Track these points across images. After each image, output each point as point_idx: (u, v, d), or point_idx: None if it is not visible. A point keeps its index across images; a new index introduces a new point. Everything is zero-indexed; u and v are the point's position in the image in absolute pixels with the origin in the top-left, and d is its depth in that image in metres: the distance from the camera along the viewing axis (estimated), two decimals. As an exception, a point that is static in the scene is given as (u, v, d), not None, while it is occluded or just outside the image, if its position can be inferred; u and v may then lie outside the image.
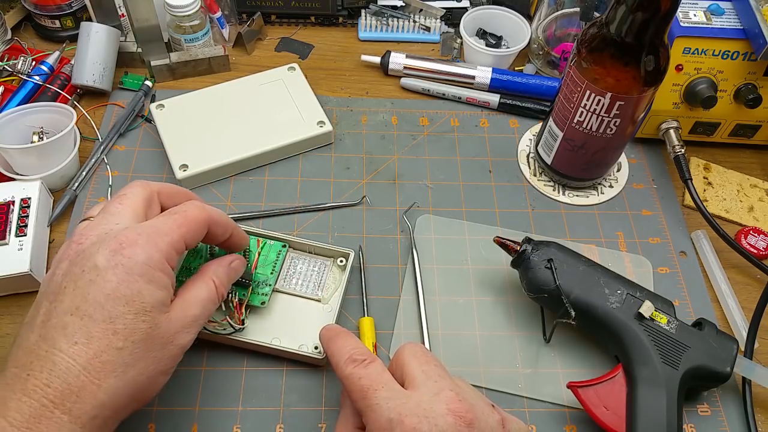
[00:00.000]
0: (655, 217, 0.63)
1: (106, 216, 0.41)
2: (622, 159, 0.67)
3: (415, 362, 0.40)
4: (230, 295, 0.51)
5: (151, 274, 0.38)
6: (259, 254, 0.54)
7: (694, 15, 0.61)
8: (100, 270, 0.37)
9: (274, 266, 0.54)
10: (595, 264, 0.52)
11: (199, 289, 0.43)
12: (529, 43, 0.73)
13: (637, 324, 0.48)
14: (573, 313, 0.48)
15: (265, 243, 0.55)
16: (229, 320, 0.50)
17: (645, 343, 0.48)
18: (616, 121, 0.55)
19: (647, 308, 0.48)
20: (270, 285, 0.53)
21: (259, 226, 0.58)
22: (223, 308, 0.50)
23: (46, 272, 0.55)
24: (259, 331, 0.52)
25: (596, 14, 0.68)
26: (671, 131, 0.63)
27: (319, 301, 0.54)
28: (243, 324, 0.50)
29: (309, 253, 0.56)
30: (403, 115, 0.70)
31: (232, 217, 0.58)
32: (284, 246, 0.55)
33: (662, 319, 0.49)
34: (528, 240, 0.52)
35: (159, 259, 0.39)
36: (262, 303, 0.52)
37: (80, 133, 0.63)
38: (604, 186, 0.65)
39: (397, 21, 0.78)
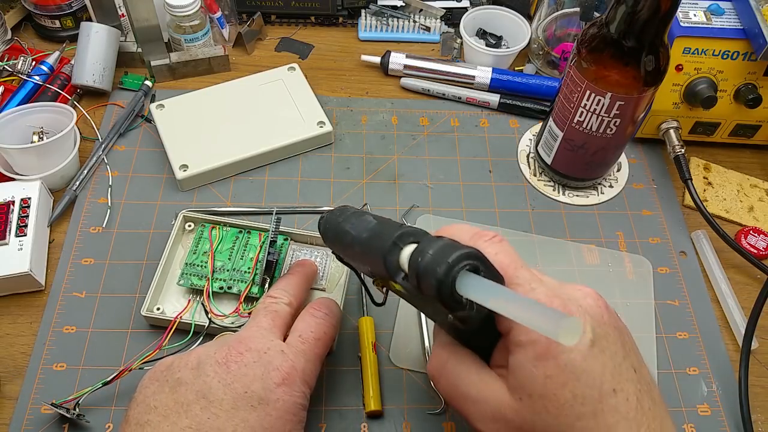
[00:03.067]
0: (655, 217, 0.63)
1: (261, 330, 0.42)
2: (622, 159, 0.67)
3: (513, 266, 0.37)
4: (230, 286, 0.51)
5: (301, 415, 0.40)
6: (261, 248, 0.54)
7: (694, 15, 0.61)
8: (263, 401, 0.38)
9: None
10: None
11: None
12: (529, 43, 0.73)
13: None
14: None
15: (267, 236, 0.55)
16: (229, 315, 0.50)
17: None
18: (616, 121, 0.55)
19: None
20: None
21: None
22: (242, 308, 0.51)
23: (46, 272, 0.56)
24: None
25: (596, 14, 0.68)
26: (671, 131, 0.63)
27: (323, 290, 0.54)
28: (249, 316, 0.50)
29: (310, 244, 0.57)
30: (403, 115, 0.70)
31: (232, 211, 0.59)
32: (286, 239, 0.56)
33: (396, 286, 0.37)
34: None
35: (308, 396, 0.41)
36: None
37: (80, 133, 0.63)
38: (604, 186, 0.65)
39: (397, 21, 0.78)
